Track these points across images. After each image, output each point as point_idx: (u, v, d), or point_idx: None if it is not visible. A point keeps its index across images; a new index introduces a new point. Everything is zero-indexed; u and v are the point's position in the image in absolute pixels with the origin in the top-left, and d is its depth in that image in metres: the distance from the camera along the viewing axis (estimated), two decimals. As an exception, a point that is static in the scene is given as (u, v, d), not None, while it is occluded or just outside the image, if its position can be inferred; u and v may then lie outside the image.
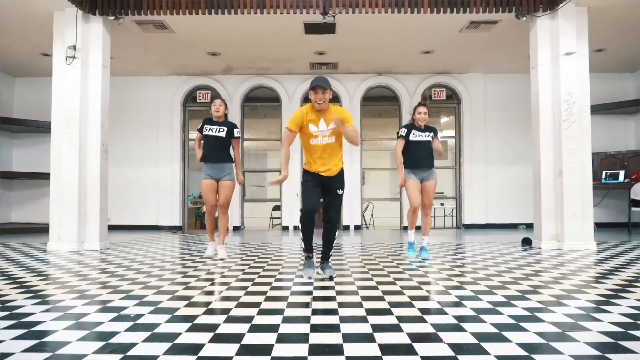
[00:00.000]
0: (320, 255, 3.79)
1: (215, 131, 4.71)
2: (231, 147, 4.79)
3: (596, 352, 1.91)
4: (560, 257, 4.78)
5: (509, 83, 8.54)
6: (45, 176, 8.54)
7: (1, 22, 6.08)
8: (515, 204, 8.44)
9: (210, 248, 4.92)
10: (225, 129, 4.74)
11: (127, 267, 4.23)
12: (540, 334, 2.14)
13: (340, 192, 3.73)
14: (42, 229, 8.07)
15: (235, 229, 8.67)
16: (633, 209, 7.20)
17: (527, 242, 5.81)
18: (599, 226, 8.28)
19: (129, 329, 2.25)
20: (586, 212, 5.40)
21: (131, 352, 1.93)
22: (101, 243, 5.71)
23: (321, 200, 3.75)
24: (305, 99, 8.86)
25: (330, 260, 3.82)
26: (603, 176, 7.87)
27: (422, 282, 3.44)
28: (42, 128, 8.65)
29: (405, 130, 4.76)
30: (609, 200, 8.32)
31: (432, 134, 4.75)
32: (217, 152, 4.72)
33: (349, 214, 8.66)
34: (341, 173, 3.75)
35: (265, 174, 11.41)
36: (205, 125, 4.77)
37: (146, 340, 2.09)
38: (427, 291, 3.14)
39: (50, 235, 5.65)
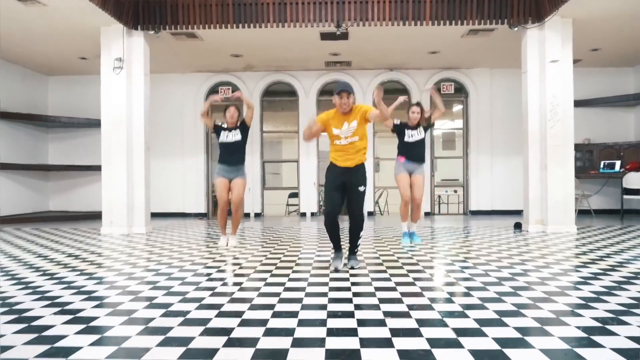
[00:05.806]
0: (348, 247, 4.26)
1: (231, 137, 5.41)
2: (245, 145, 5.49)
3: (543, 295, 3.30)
4: (539, 237, 6.13)
5: (513, 78, 9.60)
6: (79, 168, 10.14)
7: (53, 33, 7.47)
8: (518, 191, 9.67)
9: (222, 240, 5.65)
10: (239, 130, 5.44)
11: (178, 244, 5.72)
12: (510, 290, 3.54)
13: (361, 189, 4.05)
14: (80, 217, 9.62)
15: (257, 215, 10.13)
16: (625, 196, 8.42)
17: (518, 226, 7.15)
18: (597, 212, 9.53)
19: (219, 270, 3.73)
20: (567, 200, 6.70)
21: (218, 290, 3.40)
22: (146, 227, 7.21)
23: (343, 200, 4.12)
24: (321, 93, 10.23)
25: (357, 252, 4.28)
26: (601, 166, 9.10)
27: (421, 260, 4.84)
28: (75, 124, 10.16)
29: (399, 122, 5.57)
30: (608, 189, 9.55)
31: (421, 128, 5.53)
32: (233, 154, 5.44)
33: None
34: (362, 167, 4.09)
35: (281, 164, 12.84)
36: (222, 132, 5.44)
37: (220, 286, 3.57)
38: (423, 267, 4.55)
39: (103, 221, 7.14)
